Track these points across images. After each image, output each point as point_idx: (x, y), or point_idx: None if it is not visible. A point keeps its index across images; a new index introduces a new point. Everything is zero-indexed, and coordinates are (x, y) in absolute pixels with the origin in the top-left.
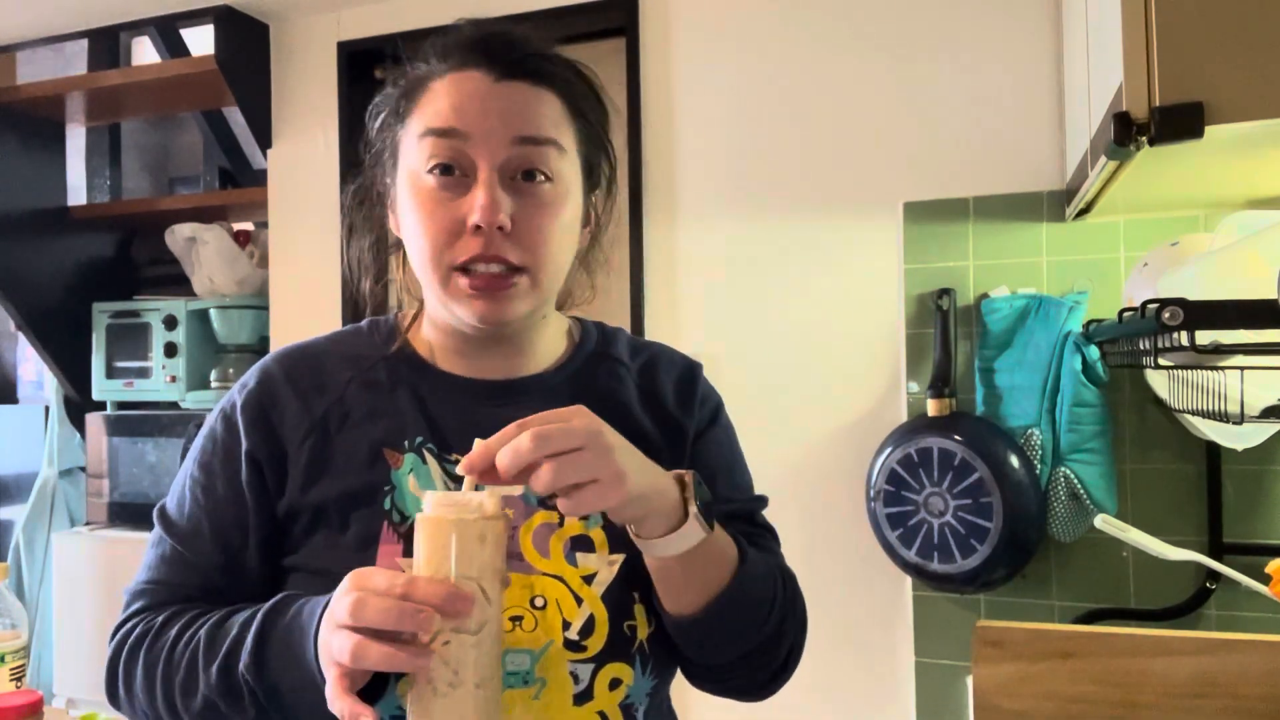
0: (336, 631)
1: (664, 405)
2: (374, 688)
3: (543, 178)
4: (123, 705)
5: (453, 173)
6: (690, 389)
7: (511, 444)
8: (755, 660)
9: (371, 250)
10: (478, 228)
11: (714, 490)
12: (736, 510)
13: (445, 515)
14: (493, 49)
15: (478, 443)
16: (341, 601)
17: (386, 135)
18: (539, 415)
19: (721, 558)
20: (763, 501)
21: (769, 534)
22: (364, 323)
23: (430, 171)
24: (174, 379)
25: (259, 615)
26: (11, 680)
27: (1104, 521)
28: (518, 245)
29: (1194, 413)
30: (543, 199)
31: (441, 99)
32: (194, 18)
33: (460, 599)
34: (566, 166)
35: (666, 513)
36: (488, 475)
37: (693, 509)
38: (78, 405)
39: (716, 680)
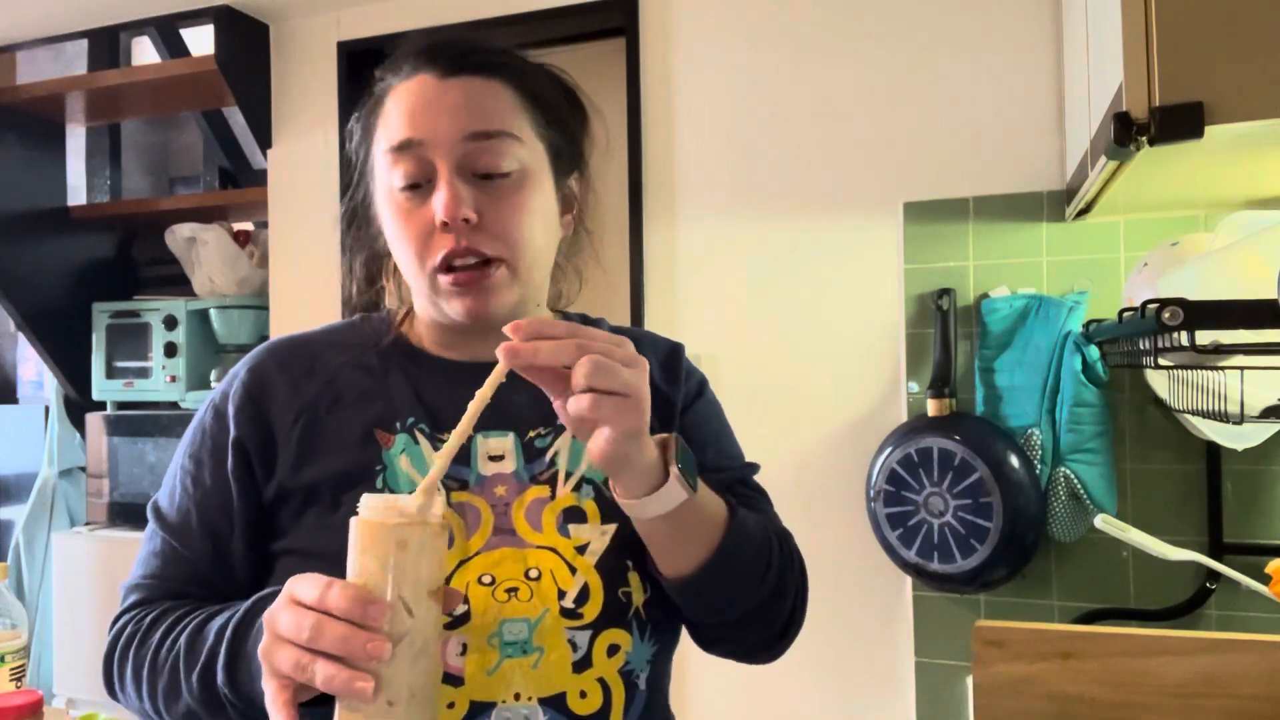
0: (285, 647)
1: (652, 381)
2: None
3: (501, 172)
4: (118, 698)
5: (420, 186)
6: (675, 365)
7: (557, 344)
8: (759, 618)
9: (364, 266)
10: (445, 224)
11: (705, 460)
12: (728, 478)
13: (368, 517)
14: (437, 51)
15: (534, 321)
16: (294, 618)
17: (362, 153)
18: (602, 336)
19: (710, 518)
20: (753, 468)
21: (761, 495)
22: (356, 317)
23: (401, 189)
24: (174, 379)
25: (231, 625)
26: (11, 680)
27: (1104, 521)
28: (489, 236)
29: (1194, 413)
30: (506, 189)
31: (395, 110)
32: (194, 18)
33: (367, 605)
34: (526, 154)
35: (646, 471)
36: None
37: (673, 469)
38: (78, 405)
39: (724, 641)
